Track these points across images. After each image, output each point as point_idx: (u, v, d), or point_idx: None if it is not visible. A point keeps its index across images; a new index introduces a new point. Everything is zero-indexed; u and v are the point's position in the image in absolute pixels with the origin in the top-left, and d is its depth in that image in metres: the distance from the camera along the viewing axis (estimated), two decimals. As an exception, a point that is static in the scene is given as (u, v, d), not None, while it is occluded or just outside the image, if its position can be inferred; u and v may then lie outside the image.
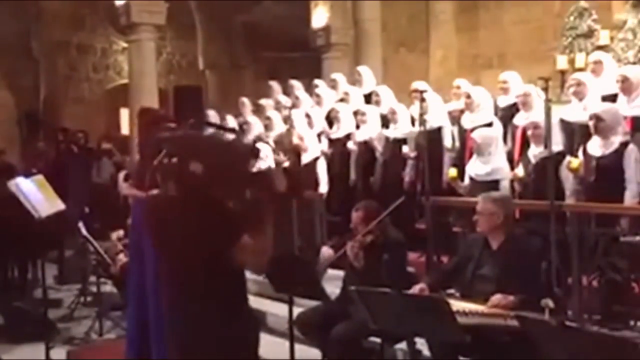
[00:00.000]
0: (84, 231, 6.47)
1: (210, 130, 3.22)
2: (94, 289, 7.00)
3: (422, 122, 5.75)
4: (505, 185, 5.66)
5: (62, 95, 13.98)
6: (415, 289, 3.96)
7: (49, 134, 11.88)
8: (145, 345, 4.74)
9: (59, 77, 14.06)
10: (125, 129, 13.13)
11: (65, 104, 13.94)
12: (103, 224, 7.79)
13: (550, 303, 3.18)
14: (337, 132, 7.73)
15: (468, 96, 6.48)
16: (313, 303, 4.69)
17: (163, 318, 4.58)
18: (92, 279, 7.14)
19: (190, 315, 2.74)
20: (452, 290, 4.44)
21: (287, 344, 4.42)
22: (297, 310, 4.66)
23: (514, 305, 3.60)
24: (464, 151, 6.48)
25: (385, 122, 7.35)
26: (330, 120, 7.92)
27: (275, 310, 6.09)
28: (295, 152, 7.31)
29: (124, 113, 13.16)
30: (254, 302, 6.60)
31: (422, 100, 5.83)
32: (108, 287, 6.95)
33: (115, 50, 14.90)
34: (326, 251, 4.82)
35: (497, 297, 3.67)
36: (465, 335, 3.26)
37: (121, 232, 6.89)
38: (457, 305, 3.56)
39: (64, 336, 6.29)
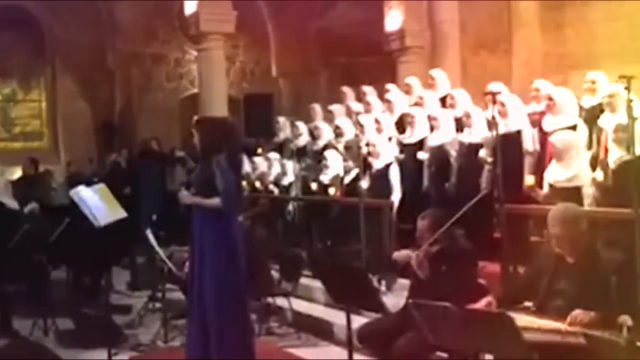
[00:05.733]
0: (151, 238, 6.43)
1: None
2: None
3: (495, 125, 5.42)
4: (587, 191, 5.31)
5: (136, 105, 14.27)
6: (482, 303, 3.68)
7: (124, 143, 12.10)
8: (206, 352, 4.69)
9: (134, 87, 14.38)
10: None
11: (139, 113, 14.24)
12: (168, 231, 7.78)
13: (629, 320, 2.98)
14: (410, 137, 7.46)
15: (550, 98, 6.13)
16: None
17: (224, 324, 4.58)
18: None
19: None
20: (529, 304, 4.12)
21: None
22: (363, 321, 4.58)
23: (595, 322, 3.26)
24: (544, 156, 6.12)
25: (461, 126, 7.04)
26: (402, 125, 7.67)
27: (341, 321, 5.89)
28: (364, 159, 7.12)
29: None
30: (323, 312, 6.55)
31: (495, 102, 5.50)
32: (176, 294, 6.91)
33: (188, 60, 15.10)
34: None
35: (577, 313, 3.33)
36: (533, 352, 3.02)
37: None
38: (527, 321, 3.31)
39: (131, 342, 6.28)
